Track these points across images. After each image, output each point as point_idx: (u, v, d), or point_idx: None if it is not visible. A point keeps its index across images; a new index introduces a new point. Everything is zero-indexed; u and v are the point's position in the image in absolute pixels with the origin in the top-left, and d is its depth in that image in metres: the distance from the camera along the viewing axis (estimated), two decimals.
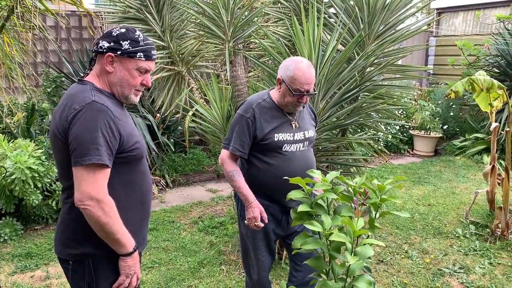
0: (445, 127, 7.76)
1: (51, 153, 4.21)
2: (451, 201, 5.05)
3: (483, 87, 3.70)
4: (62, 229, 1.69)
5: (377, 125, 3.95)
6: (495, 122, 4.05)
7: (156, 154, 5.62)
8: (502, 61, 6.92)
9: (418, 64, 8.76)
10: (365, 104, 3.44)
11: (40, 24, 3.63)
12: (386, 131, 7.02)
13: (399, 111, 6.77)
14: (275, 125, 2.26)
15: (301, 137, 2.32)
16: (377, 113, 3.77)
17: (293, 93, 2.18)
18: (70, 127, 1.53)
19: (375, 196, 1.57)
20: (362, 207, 1.54)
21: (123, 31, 1.64)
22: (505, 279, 3.31)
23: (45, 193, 4.13)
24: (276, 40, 3.48)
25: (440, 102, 7.83)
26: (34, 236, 4.03)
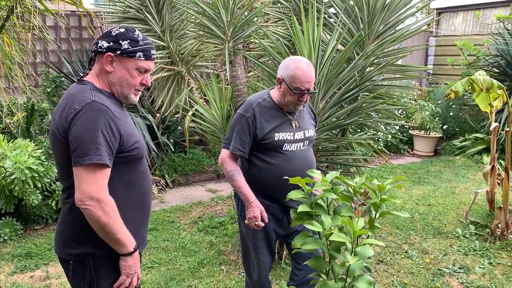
0: (445, 127, 7.76)
1: (51, 153, 4.21)
2: (451, 201, 5.05)
3: (483, 87, 3.70)
4: (62, 229, 1.69)
5: (377, 125, 3.95)
6: (495, 122, 4.05)
7: (156, 154, 5.62)
8: (502, 61, 6.92)
9: (418, 64, 8.76)
10: (365, 104, 3.44)
11: (39, 24, 3.63)
12: (386, 131, 7.02)
13: (399, 111, 6.77)
14: (276, 125, 2.26)
15: (301, 136, 2.32)
16: (377, 113, 3.77)
17: (294, 92, 2.18)
18: (70, 127, 1.53)
19: (375, 196, 1.57)
20: (362, 207, 1.54)
21: (123, 30, 1.64)
22: (505, 279, 3.31)
23: (45, 193, 4.13)
24: (276, 40, 3.48)
25: (440, 102, 7.83)
26: (34, 236, 4.03)
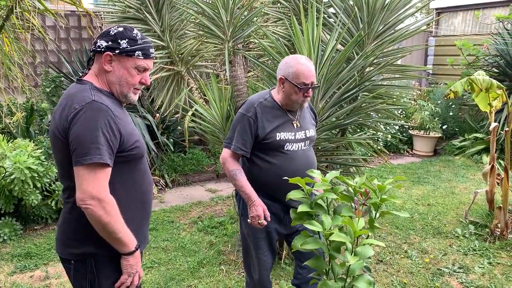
0: (445, 127, 7.76)
1: (51, 153, 4.21)
2: (450, 201, 5.06)
3: (482, 87, 3.70)
4: (63, 229, 1.69)
5: (377, 125, 3.95)
6: (494, 122, 4.06)
7: (155, 154, 5.61)
8: (501, 61, 6.92)
9: (417, 64, 8.77)
10: (364, 104, 3.44)
11: (39, 24, 3.63)
12: (385, 131, 7.03)
13: (399, 111, 6.77)
14: (277, 124, 2.27)
15: (302, 136, 2.33)
16: (376, 113, 3.77)
17: (299, 87, 2.19)
18: (70, 126, 1.53)
19: (375, 196, 1.57)
20: (362, 207, 1.54)
21: (121, 30, 1.64)
22: (504, 278, 3.31)
23: (45, 193, 4.12)
24: (275, 40, 3.48)
25: (439, 102, 7.84)
26: (33, 236, 4.03)
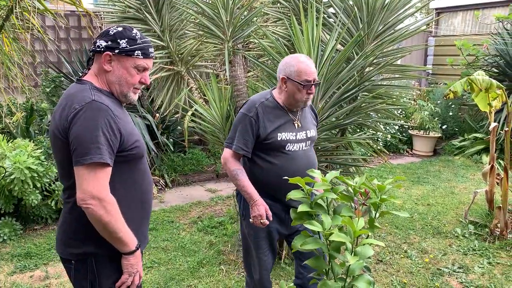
0: (444, 127, 7.76)
1: (50, 153, 4.21)
2: (450, 200, 5.06)
3: (482, 87, 3.70)
4: (63, 229, 1.68)
5: (376, 125, 3.95)
6: (494, 122, 4.06)
7: (155, 154, 5.61)
8: (501, 61, 6.92)
9: (417, 64, 8.77)
10: (364, 104, 3.44)
11: (39, 24, 3.63)
12: (385, 131, 7.03)
13: (398, 111, 6.77)
14: (278, 124, 2.27)
15: (303, 136, 2.33)
16: (376, 113, 3.77)
17: (303, 85, 2.20)
18: (70, 126, 1.53)
19: (375, 196, 1.57)
20: (362, 207, 1.54)
21: (120, 29, 1.65)
22: (504, 278, 3.32)
23: (44, 193, 4.13)
24: (275, 40, 3.48)
25: (439, 102, 7.84)
26: (33, 236, 4.03)
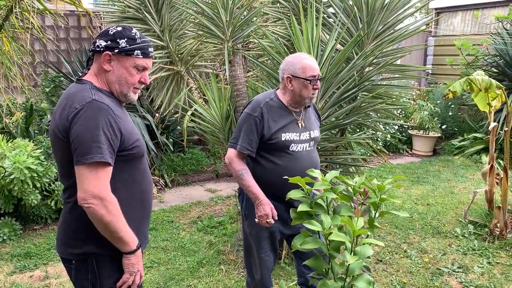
0: (444, 127, 7.77)
1: (50, 153, 4.20)
2: (449, 200, 5.06)
3: (481, 87, 3.70)
4: (64, 229, 1.68)
5: (376, 124, 3.95)
6: (493, 122, 4.06)
7: (155, 154, 5.61)
8: (500, 61, 6.93)
9: (416, 64, 8.77)
10: (364, 103, 3.44)
11: (38, 24, 3.62)
12: (385, 130, 7.03)
13: (398, 110, 6.77)
14: (283, 125, 2.27)
15: (306, 137, 2.34)
16: (376, 113, 3.77)
17: (309, 80, 2.22)
18: (71, 126, 1.53)
19: (375, 195, 1.57)
20: (362, 207, 1.54)
21: (120, 29, 1.65)
22: (503, 278, 3.32)
23: (44, 193, 4.12)
24: (275, 40, 3.48)
25: (438, 102, 7.84)
26: (33, 236, 4.03)
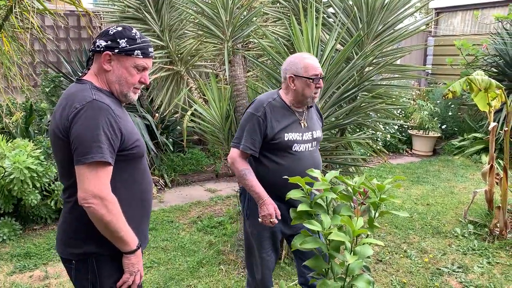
0: (444, 127, 7.77)
1: (50, 153, 4.20)
2: (449, 200, 5.06)
3: (481, 87, 3.70)
4: (64, 229, 1.68)
5: (376, 124, 3.95)
6: (493, 121, 4.06)
7: (155, 154, 5.61)
8: (500, 61, 6.93)
9: (416, 64, 8.77)
10: (363, 103, 3.44)
11: (38, 24, 3.62)
12: (384, 130, 7.03)
13: (398, 110, 6.78)
14: (286, 124, 2.28)
15: (309, 137, 2.34)
16: (375, 113, 3.77)
17: (312, 79, 2.23)
18: (71, 125, 1.53)
19: (374, 195, 1.57)
20: (361, 207, 1.54)
21: (120, 29, 1.65)
22: (503, 278, 3.32)
23: (44, 193, 4.12)
24: (275, 39, 3.48)
25: (438, 101, 7.84)
26: (32, 236, 4.03)
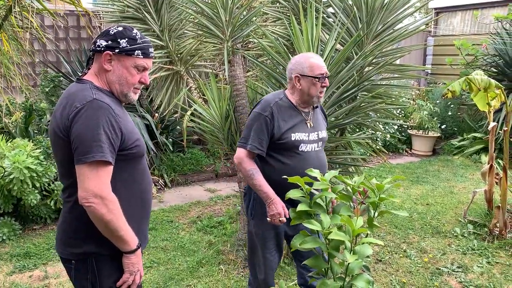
0: (443, 127, 7.77)
1: (50, 152, 4.20)
2: (449, 200, 5.06)
3: (481, 87, 3.70)
4: (63, 228, 1.68)
5: (376, 124, 3.95)
6: (493, 121, 4.07)
7: (154, 153, 5.61)
8: (500, 61, 6.93)
9: (416, 63, 8.77)
10: (363, 103, 3.44)
11: (37, 24, 3.62)
12: (384, 130, 7.04)
13: (398, 110, 6.78)
14: (292, 124, 2.28)
15: (315, 137, 2.34)
16: (375, 113, 3.77)
17: (318, 78, 2.24)
18: (71, 125, 1.53)
19: (374, 195, 1.57)
20: (361, 206, 1.54)
21: (121, 29, 1.65)
22: (503, 278, 3.32)
23: (44, 192, 4.12)
24: (274, 39, 3.48)
25: (438, 101, 7.85)
26: (32, 236, 4.03)
